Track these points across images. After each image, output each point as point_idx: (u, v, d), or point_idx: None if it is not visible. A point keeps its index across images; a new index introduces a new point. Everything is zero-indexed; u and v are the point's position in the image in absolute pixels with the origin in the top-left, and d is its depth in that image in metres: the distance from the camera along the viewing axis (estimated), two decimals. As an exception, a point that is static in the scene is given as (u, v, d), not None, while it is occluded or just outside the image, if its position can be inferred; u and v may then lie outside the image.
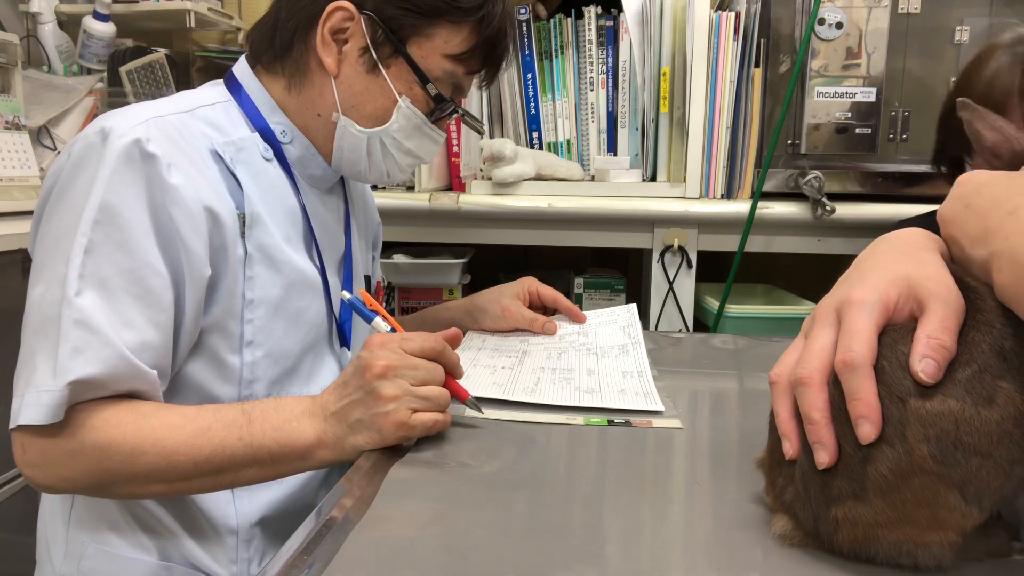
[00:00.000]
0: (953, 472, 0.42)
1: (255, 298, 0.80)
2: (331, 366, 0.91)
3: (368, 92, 0.85)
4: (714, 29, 1.39)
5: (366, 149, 0.88)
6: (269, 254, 0.81)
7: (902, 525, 0.44)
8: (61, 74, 1.80)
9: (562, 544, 0.50)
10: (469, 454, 0.67)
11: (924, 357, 0.43)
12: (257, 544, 0.82)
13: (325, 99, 0.86)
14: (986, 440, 0.42)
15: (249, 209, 0.80)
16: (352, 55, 0.84)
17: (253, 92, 0.87)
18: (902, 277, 0.46)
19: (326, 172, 0.91)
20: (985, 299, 0.45)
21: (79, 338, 0.68)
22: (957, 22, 1.38)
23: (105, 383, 0.69)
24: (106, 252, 0.70)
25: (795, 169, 1.41)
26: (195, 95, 0.85)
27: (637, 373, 0.90)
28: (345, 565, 0.47)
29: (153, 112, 0.77)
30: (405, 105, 0.85)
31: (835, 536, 0.46)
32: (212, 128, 0.81)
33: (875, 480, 0.44)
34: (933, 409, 0.42)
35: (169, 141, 0.75)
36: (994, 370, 0.43)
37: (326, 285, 0.89)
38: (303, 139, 0.88)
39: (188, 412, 0.72)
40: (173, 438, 0.70)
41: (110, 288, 0.70)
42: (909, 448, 0.43)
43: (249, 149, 0.83)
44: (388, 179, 0.94)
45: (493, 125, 1.52)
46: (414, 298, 1.58)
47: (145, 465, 0.69)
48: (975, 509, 0.43)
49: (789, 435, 0.49)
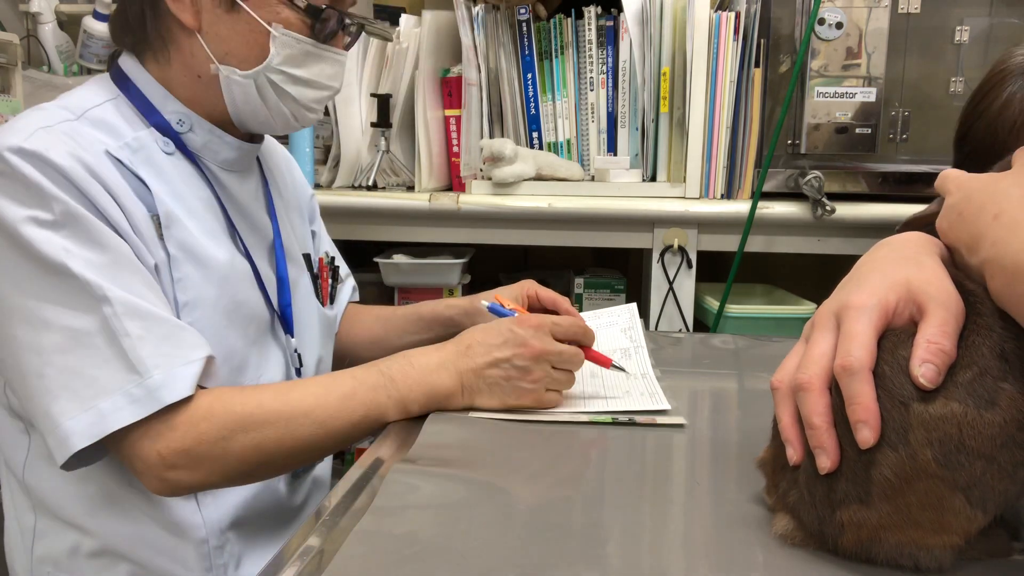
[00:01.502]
0: (957, 476, 0.42)
1: (189, 300, 0.77)
2: (277, 356, 0.89)
3: (236, 33, 0.79)
4: (714, 29, 1.39)
5: (257, 94, 0.82)
6: (192, 252, 0.78)
7: (906, 528, 0.44)
8: (61, 74, 1.80)
9: (562, 544, 0.50)
10: (470, 454, 0.67)
11: (924, 362, 0.43)
12: (231, 548, 0.81)
13: (198, 58, 0.80)
14: (989, 443, 0.42)
15: (162, 209, 0.76)
16: (206, 2, 0.79)
17: (140, 82, 0.82)
18: (901, 281, 0.47)
19: (241, 150, 0.87)
20: (984, 302, 0.45)
21: (135, 327, 0.68)
22: (957, 22, 1.38)
23: (201, 353, 0.70)
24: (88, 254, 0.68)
25: (795, 169, 1.41)
26: (80, 97, 0.80)
27: (641, 375, 0.90)
28: (345, 564, 0.47)
29: (40, 123, 0.73)
30: (279, 32, 0.79)
31: (840, 539, 0.46)
32: (103, 132, 0.77)
33: (880, 484, 0.43)
34: (936, 413, 0.42)
35: (66, 150, 0.71)
36: (995, 372, 0.43)
37: (256, 274, 0.86)
38: (203, 123, 0.83)
39: (324, 380, 0.76)
40: (323, 405, 0.72)
41: (121, 279, 0.69)
42: (913, 452, 0.43)
43: (147, 147, 0.79)
44: (297, 122, 0.87)
45: (493, 125, 1.52)
46: (414, 298, 1.58)
47: (303, 437, 0.71)
48: (980, 512, 0.43)
49: (792, 441, 0.49)
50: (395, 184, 1.58)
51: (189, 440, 0.68)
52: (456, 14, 1.47)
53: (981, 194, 0.47)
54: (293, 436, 0.71)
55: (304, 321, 0.94)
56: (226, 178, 0.86)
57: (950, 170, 0.53)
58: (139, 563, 0.78)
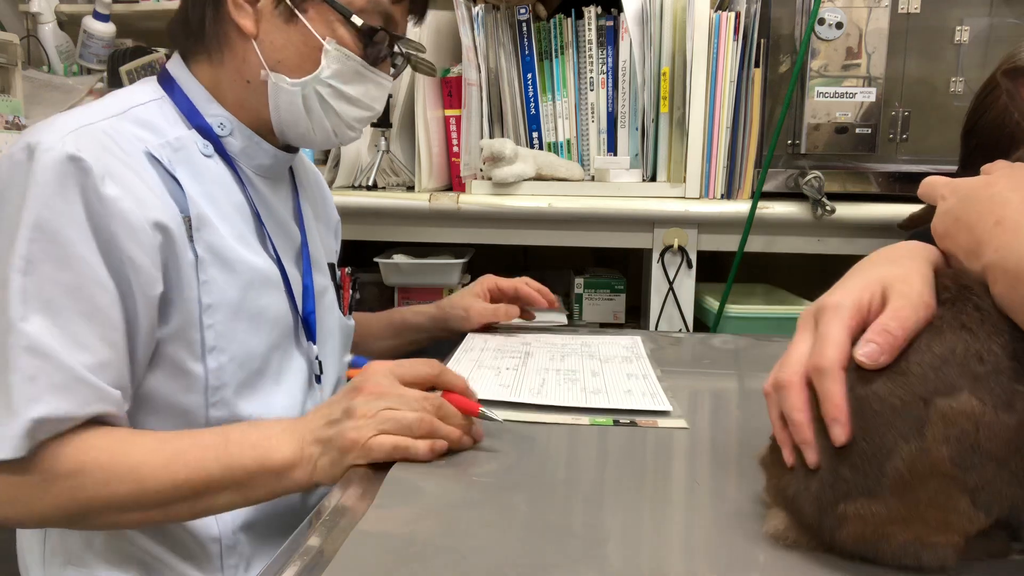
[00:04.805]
0: (969, 476, 0.42)
1: (212, 302, 0.77)
2: (299, 362, 0.89)
3: (291, 43, 0.81)
4: (714, 29, 1.39)
5: (302, 104, 0.83)
6: (221, 255, 0.78)
7: (914, 524, 0.44)
8: (61, 74, 1.80)
9: (562, 544, 0.50)
10: (469, 454, 0.67)
11: (867, 342, 0.45)
12: (243, 549, 0.81)
13: (250, 63, 0.82)
14: (1004, 447, 0.42)
15: (194, 211, 0.76)
16: (267, 11, 0.81)
17: (186, 85, 0.84)
18: (876, 280, 0.48)
19: (276, 158, 0.88)
20: (983, 298, 0.45)
21: (31, 366, 0.64)
22: (957, 22, 1.38)
23: (67, 412, 0.65)
24: (47, 271, 0.66)
25: (795, 169, 1.41)
26: (127, 95, 0.82)
27: (642, 376, 0.90)
28: (345, 564, 0.47)
29: (81, 121, 0.73)
30: (332, 47, 0.81)
31: (839, 532, 0.46)
32: (146, 130, 0.78)
33: (892, 478, 0.43)
34: (958, 408, 0.42)
35: (101, 149, 0.71)
36: (1010, 373, 0.42)
37: (286, 279, 0.86)
38: (244, 128, 0.85)
39: (163, 436, 0.70)
40: (148, 463, 0.67)
41: (57, 309, 0.66)
42: (928, 448, 0.42)
43: (187, 148, 0.80)
44: (337, 138, 0.89)
45: (493, 125, 1.52)
46: (414, 298, 1.58)
47: (120, 493, 0.66)
48: (982, 514, 0.43)
49: (785, 442, 0.49)
50: (395, 184, 1.58)
51: (16, 478, 0.66)
52: (456, 14, 1.47)
53: (977, 200, 0.48)
54: (110, 491, 0.66)
55: (327, 329, 0.95)
56: (260, 183, 0.87)
57: (934, 176, 0.54)
58: (151, 559, 0.79)
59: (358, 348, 1.16)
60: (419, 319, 1.16)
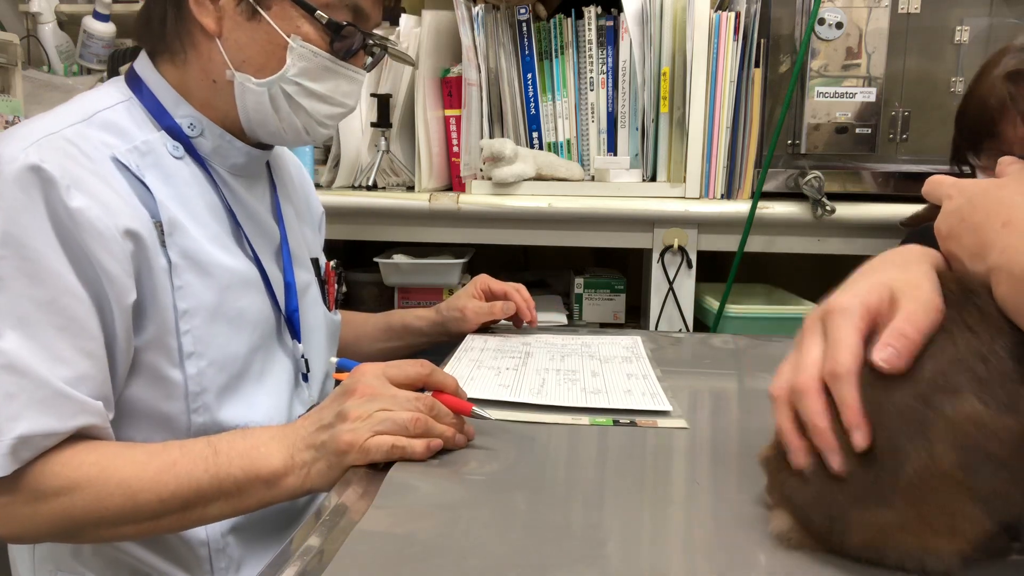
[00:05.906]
0: (975, 481, 0.42)
1: (188, 308, 0.76)
2: (284, 362, 0.88)
3: (255, 41, 0.79)
4: (714, 29, 1.39)
5: (270, 103, 0.81)
6: (195, 259, 0.77)
7: (921, 530, 0.44)
8: (61, 74, 1.80)
9: (562, 544, 0.50)
10: (469, 454, 0.67)
11: (886, 346, 0.44)
12: (232, 552, 0.80)
13: (215, 63, 0.80)
14: (1008, 450, 0.41)
15: (165, 216, 0.75)
16: (229, 9, 0.79)
17: (153, 85, 0.82)
18: (883, 283, 0.48)
19: (250, 156, 0.86)
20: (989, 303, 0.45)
21: (10, 383, 0.64)
22: (957, 22, 1.38)
23: (50, 428, 0.65)
24: (18, 287, 0.65)
25: (795, 169, 1.41)
26: (93, 99, 0.80)
27: (642, 376, 0.90)
28: (345, 564, 0.47)
29: (44, 130, 0.71)
30: (297, 45, 0.79)
31: (848, 537, 0.46)
32: (112, 135, 0.76)
33: (903, 484, 0.43)
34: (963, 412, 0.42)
35: (65, 158, 0.70)
36: (1013, 376, 0.42)
37: (265, 279, 0.85)
38: (215, 128, 0.83)
39: (153, 448, 0.69)
40: (138, 476, 0.66)
41: (31, 324, 0.65)
42: (935, 452, 0.42)
43: (156, 151, 0.78)
44: (308, 136, 0.86)
45: (493, 125, 1.52)
46: (414, 298, 1.58)
47: (112, 508, 0.66)
48: (988, 520, 0.43)
49: (795, 446, 0.49)
50: (395, 184, 1.58)
51: (5, 496, 0.65)
52: (456, 14, 1.47)
53: (985, 201, 0.47)
54: (102, 506, 0.66)
55: (311, 326, 0.94)
56: (235, 183, 0.86)
57: (939, 175, 0.53)
58: (140, 565, 0.78)
59: (352, 349, 1.15)
60: (420, 323, 1.15)
